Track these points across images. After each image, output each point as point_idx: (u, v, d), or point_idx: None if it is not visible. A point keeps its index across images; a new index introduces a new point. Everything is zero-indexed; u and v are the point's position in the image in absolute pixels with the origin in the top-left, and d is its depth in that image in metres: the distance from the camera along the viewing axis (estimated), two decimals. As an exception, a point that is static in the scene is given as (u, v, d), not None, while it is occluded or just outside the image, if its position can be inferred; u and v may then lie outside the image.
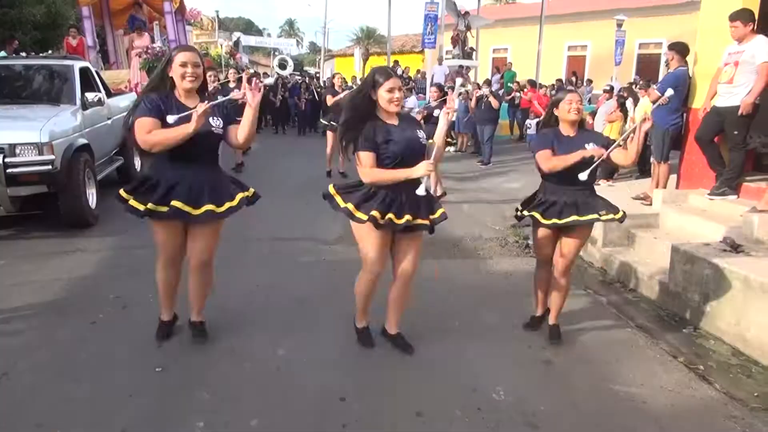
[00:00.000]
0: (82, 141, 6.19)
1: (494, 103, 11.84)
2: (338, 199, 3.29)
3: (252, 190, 3.51)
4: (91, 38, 11.60)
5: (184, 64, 3.10)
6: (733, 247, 4.28)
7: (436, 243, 5.88)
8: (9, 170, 5.30)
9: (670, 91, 5.13)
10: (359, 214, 3.16)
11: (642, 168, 9.55)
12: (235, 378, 3.21)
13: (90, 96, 6.67)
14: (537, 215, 3.65)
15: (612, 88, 11.29)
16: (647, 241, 5.24)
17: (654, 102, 6.29)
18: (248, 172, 9.69)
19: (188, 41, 15.42)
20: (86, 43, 11.39)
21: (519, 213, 3.87)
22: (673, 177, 6.34)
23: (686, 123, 6.05)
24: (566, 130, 3.62)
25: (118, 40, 13.57)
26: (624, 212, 3.63)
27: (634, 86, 10.85)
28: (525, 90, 14.82)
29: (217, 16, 30.38)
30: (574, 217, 3.48)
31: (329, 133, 9.50)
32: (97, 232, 5.88)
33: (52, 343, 3.57)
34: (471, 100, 12.65)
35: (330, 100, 9.66)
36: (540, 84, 16.12)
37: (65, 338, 3.63)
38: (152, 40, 11.62)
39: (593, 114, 10.47)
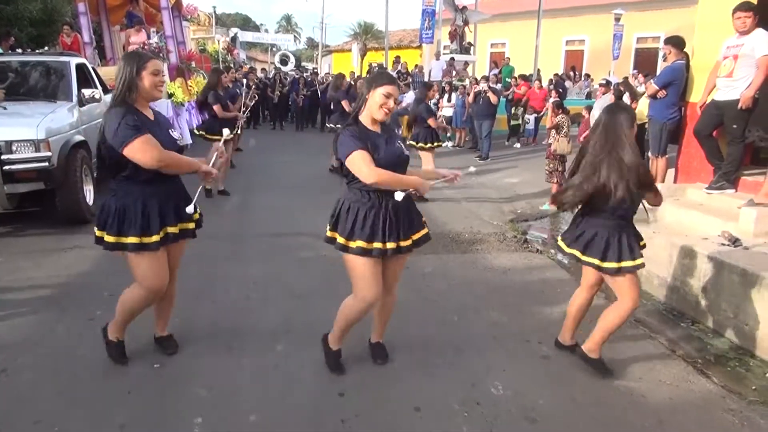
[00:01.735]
0: (79, 138, 6.17)
1: (493, 98, 11.82)
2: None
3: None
4: (88, 34, 11.54)
5: (156, 73, 2.94)
6: (731, 240, 4.28)
7: (434, 238, 5.88)
8: (6, 167, 5.30)
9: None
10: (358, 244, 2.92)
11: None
12: (234, 374, 3.21)
13: (86, 92, 6.65)
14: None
15: (608, 82, 11.28)
16: (645, 236, 5.20)
17: (652, 96, 6.28)
18: (246, 168, 9.69)
19: (185, 37, 15.34)
20: (82, 40, 11.33)
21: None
22: (671, 171, 6.34)
23: (684, 117, 6.04)
24: None
25: (114, 36, 13.50)
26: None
27: (634, 78, 10.84)
28: (518, 84, 14.77)
29: (214, 11, 30.24)
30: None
31: None
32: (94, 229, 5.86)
33: (51, 339, 3.56)
34: (469, 95, 12.64)
35: (347, 106, 9.51)
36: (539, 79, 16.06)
37: (63, 334, 3.63)
38: (149, 37, 11.57)
39: (589, 108, 10.45)
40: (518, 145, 13.99)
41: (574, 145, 8.42)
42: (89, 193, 6.28)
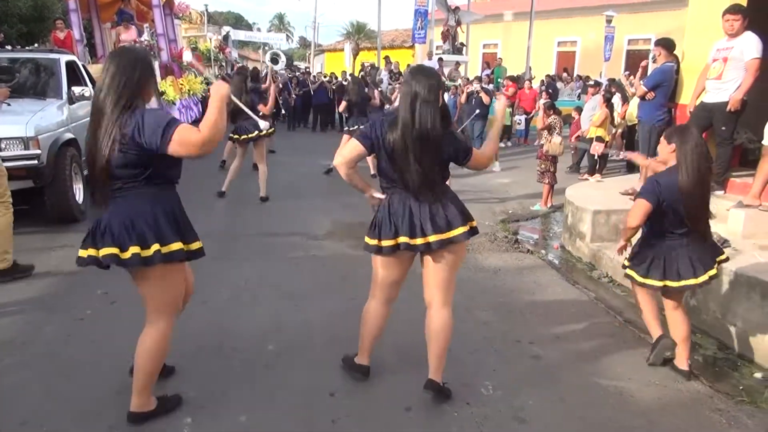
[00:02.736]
0: (69, 135, 6.13)
1: (485, 98, 11.84)
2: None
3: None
4: (78, 32, 11.45)
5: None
6: (720, 242, 4.30)
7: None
8: (-6, 165, 5.24)
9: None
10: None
11: (630, 163, 9.60)
12: (224, 374, 3.20)
13: (77, 90, 6.60)
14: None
15: (598, 83, 11.31)
16: (635, 237, 5.27)
17: (641, 97, 6.32)
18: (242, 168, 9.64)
19: (177, 35, 15.27)
20: (73, 37, 11.26)
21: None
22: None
23: (674, 118, 6.08)
24: None
25: (105, 34, 13.43)
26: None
27: (626, 79, 10.88)
28: (506, 85, 14.81)
29: (206, 10, 30.06)
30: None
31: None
32: (84, 228, 5.71)
33: (39, 339, 3.54)
34: (461, 95, 12.66)
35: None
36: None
37: (52, 334, 3.60)
38: (139, 34, 11.51)
39: (579, 110, 10.50)
40: (509, 143, 14.11)
41: (566, 146, 8.47)
42: (78, 192, 6.23)
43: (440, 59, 16.85)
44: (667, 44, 6.16)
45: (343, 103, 9.55)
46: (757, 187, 4.68)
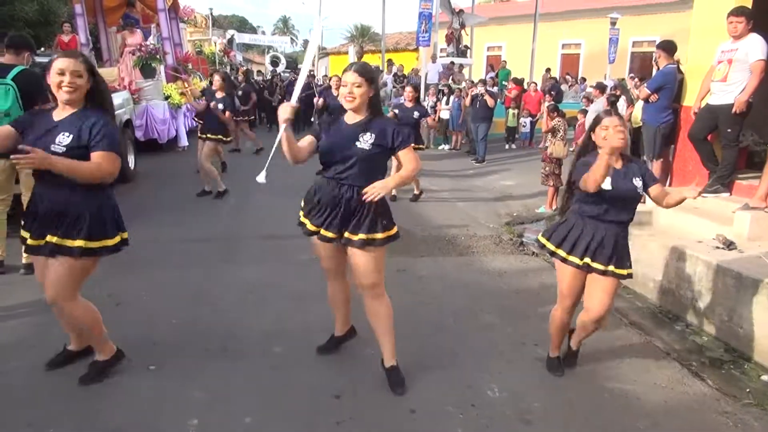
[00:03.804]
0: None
1: (489, 101, 11.84)
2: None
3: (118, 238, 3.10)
4: (84, 36, 11.52)
5: (61, 72, 2.68)
6: (726, 244, 4.30)
7: (429, 240, 5.90)
8: None
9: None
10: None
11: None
12: (229, 376, 3.21)
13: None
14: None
15: (602, 85, 11.30)
16: (641, 239, 5.26)
17: (645, 100, 6.32)
18: (242, 169, 9.68)
19: (182, 39, 15.32)
20: (79, 41, 11.33)
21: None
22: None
23: (678, 120, 6.07)
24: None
25: (111, 38, 13.49)
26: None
27: (631, 80, 10.88)
28: (509, 88, 14.81)
29: (211, 13, 30.21)
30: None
31: None
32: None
33: (46, 341, 3.54)
34: (466, 97, 12.66)
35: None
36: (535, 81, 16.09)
37: (58, 337, 3.61)
38: (145, 38, 11.57)
39: (584, 112, 10.49)
40: (513, 146, 14.21)
41: (570, 149, 8.46)
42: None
43: (452, 62, 16.88)
44: (667, 47, 6.17)
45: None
46: (763, 189, 4.67)
